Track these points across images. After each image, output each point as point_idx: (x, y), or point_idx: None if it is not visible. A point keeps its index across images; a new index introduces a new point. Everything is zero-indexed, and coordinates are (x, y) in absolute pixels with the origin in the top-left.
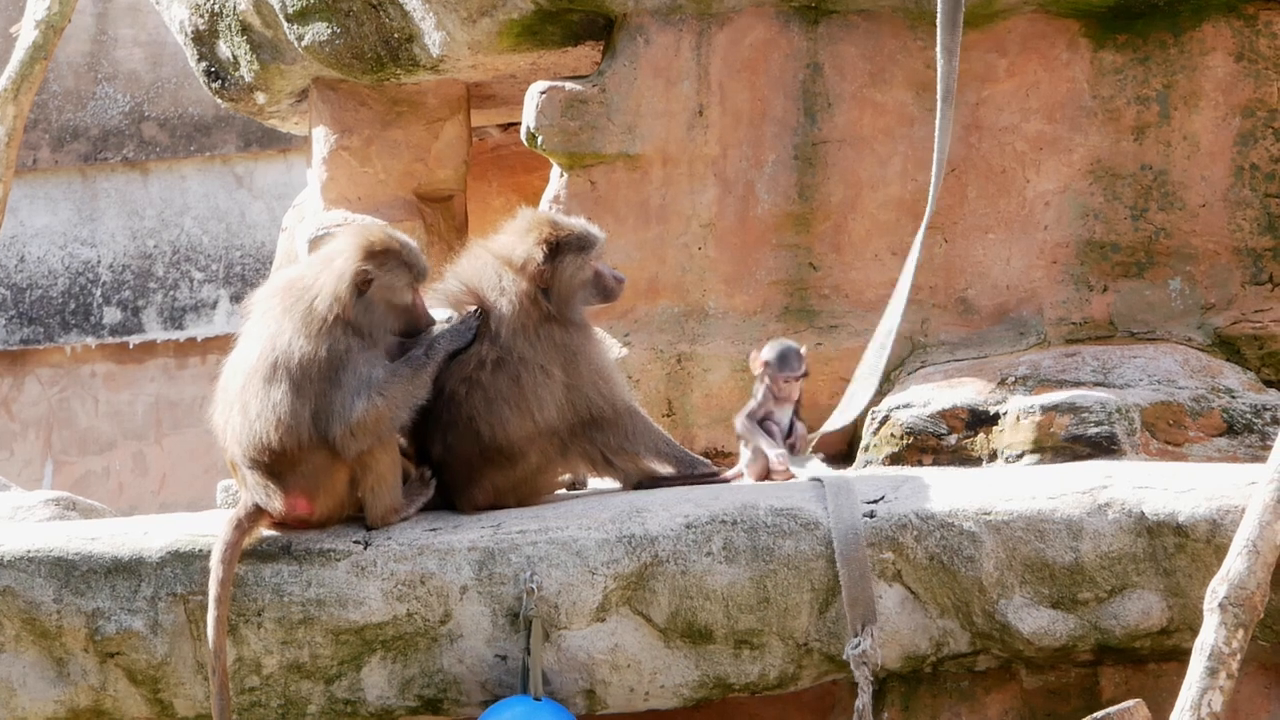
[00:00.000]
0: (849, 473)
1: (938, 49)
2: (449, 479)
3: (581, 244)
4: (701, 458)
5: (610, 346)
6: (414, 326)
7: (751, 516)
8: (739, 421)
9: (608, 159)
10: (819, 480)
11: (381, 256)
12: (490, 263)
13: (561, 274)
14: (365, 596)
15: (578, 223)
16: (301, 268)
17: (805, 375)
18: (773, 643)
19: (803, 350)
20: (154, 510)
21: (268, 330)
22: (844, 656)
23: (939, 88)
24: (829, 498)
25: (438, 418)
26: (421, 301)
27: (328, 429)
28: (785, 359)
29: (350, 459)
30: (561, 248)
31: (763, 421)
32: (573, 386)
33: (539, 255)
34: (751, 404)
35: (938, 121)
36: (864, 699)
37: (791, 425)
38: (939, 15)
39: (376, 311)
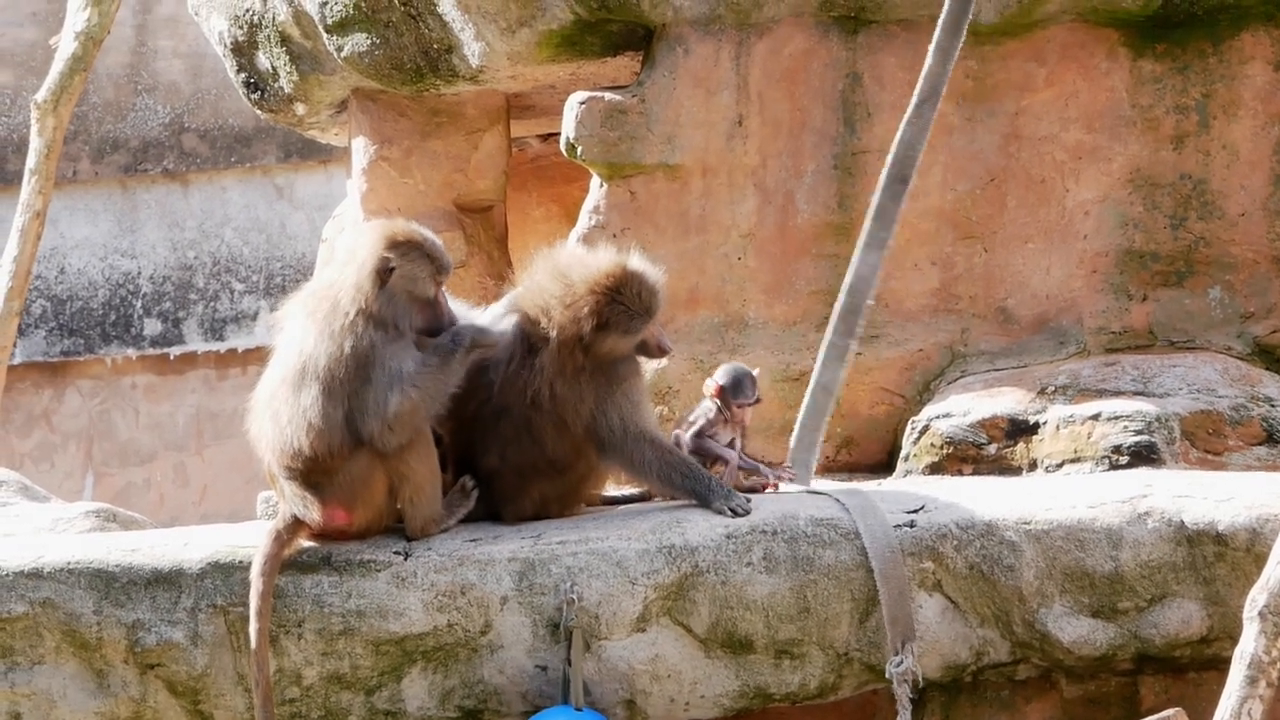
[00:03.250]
0: (866, 487)
1: (931, 47)
2: (498, 490)
3: (630, 323)
4: (720, 485)
5: (649, 360)
6: (436, 323)
7: (791, 526)
8: (688, 439)
9: (647, 169)
10: (841, 503)
11: (404, 247)
12: (553, 294)
13: (602, 345)
14: (406, 607)
15: (639, 291)
16: (328, 271)
17: (757, 401)
18: (813, 652)
19: (755, 373)
20: (195, 522)
21: (295, 336)
22: (886, 675)
23: (921, 85)
24: (858, 519)
25: (494, 431)
26: (444, 298)
27: (364, 427)
28: (740, 385)
29: (386, 460)
30: (610, 325)
31: (701, 439)
32: (598, 413)
33: (585, 326)
34: (701, 423)
35: (906, 121)
36: (905, 717)
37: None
38: (943, 14)
39: (399, 304)
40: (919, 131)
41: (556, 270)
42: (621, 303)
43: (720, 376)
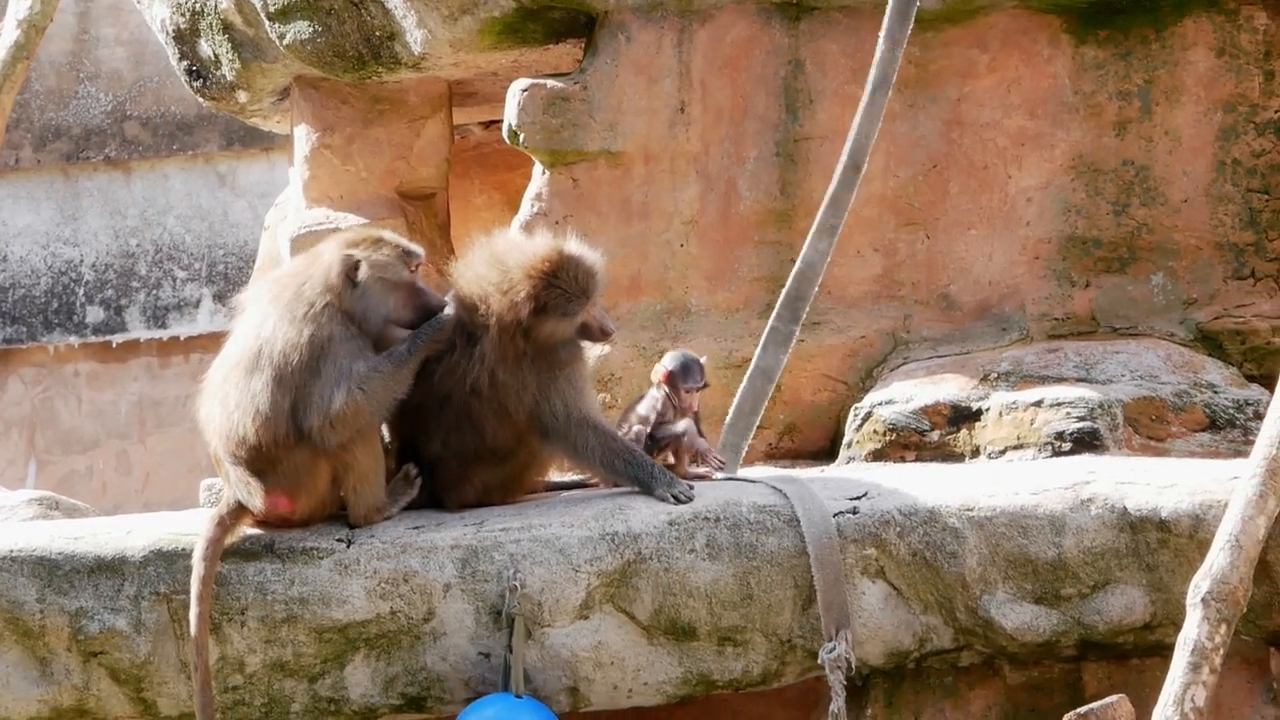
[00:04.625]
0: (803, 474)
1: (881, 35)
2: (440, 477)
3: (568, 305)
4: (664, 472)
5: (592, 346)
6: (425, 308)
7: (734, 513)
8: (639, 432)
9: (589, 156)
10: (780, 490)
11: (365, 243)
12: (490, 281)
13: (542, 330)
14: (348, 595)
15: (575, 274)
16: (292, 263)
17: (705, 386)
18: (756, 639)
19: (703, 360)
20: (137, 509)
21: (255, 319)
22: (819, 661)
23: (874, 73)
24: (796, 505)
25: (437, 419)
26: (424, 283)
27: (305, 419)
28: (688, 370)
29: (330, 451)
30: (548, 309)
31: (658, 428)
32: (540, 399)
33: (523, 310)
34: (652, 416)
35: (862, 108)
36: (838, 703)
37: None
38: (891, 2)
39: (373, 295)
40: (872, 119)
41: (493, 257)
42: (558, 286)
43: (668, 362)
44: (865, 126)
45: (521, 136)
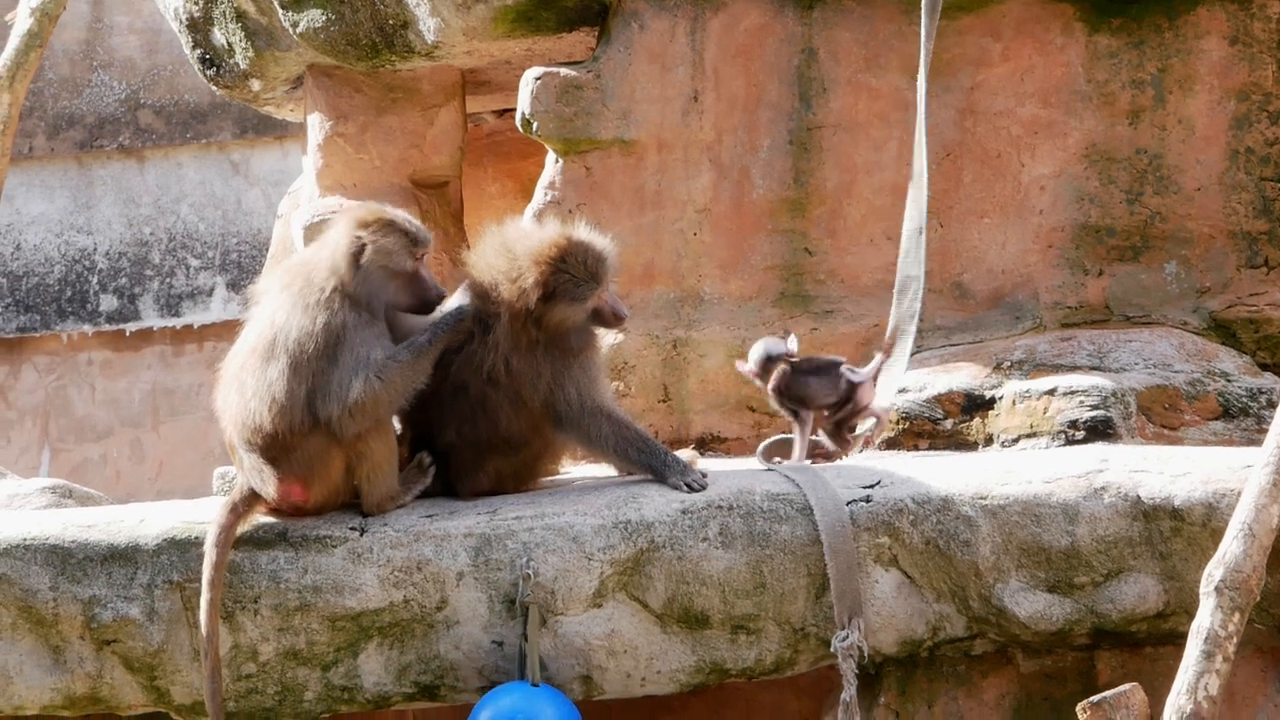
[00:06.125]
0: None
1: (921, 33)
2: (454, 466)
3: (577, 290)
4: (677, 460)
5: (606, 334)
6: (422, 296)
7: (748, 501)
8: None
9: (603, 145)
10: (793, 479)
11: (375, 225)
12: (499, 269)
13: (552, 317)
14: (362, 583)
15: (584, 259)
16: (303, 251)
17: (757, 374)
18: (769, 628)
19: (763, 354)
20: (151, 498)
21: (269, 309)
22: (831, 649)
23: (921, 71)
24: (808, 494)
25: (451, 408)
26: (427, 271)
27: (323, 408)
28: (764, 371)
29: (346, 440)
30: (557, 294)
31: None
32: (555, 387)
33: (532, 297)
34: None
35: (920, 105)
36: (849, 691)
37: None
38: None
39: (374, 281)
40: (926, 116)
41: (503, 246)
42: (567, 271)
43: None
44: (923, 124)
45: (535, 125)
